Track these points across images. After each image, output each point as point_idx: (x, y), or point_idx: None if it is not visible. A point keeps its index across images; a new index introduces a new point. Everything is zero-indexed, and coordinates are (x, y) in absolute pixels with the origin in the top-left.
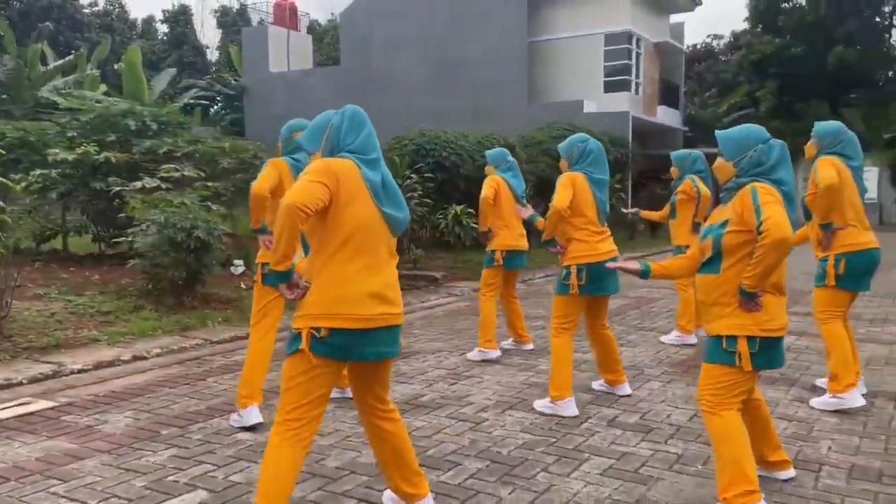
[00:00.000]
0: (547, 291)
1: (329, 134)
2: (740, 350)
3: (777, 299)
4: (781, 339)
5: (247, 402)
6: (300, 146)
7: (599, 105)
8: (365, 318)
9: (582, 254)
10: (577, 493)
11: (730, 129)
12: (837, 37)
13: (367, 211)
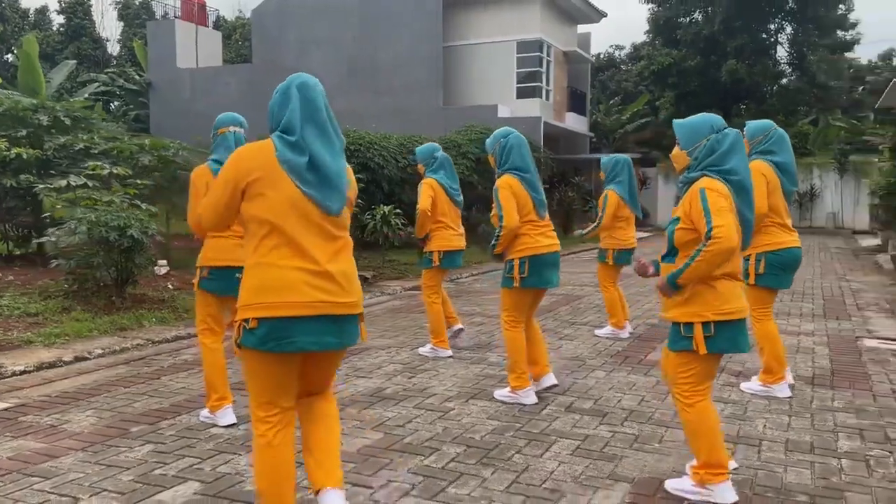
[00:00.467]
0: (476, 290)
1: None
2: (696, 335)
3: (732, 284)
4: (740, 322)
5: (219, 404)
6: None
7: (513, 110)
8: (298, 304)
9: (524, 247)
10: (553, 472)
11: (687, 118)
12: (729, 51)
13: (287, 195)
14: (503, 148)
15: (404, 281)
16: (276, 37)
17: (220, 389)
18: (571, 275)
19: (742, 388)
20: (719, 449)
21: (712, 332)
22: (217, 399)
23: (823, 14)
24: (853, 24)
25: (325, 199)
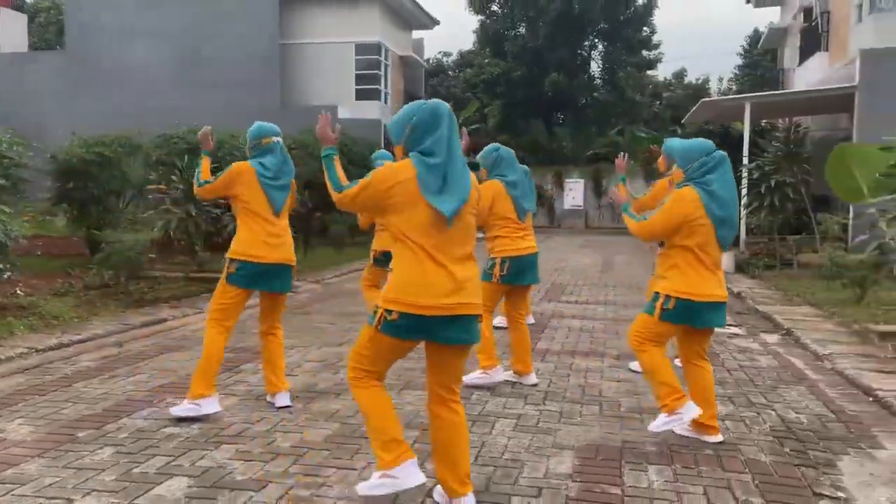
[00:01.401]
0: (348, 290)
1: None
2: (658, 305)
3: (706, 273)
4: (707, 304)
5: (206, 392)
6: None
7: (353, 111)
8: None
9: (506, 248)
10: (506, 445)
11: (677, 140)
12: (552, 65)
13: (423, 212)
14: (494, 160)
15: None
16: (92, 24)
17: (211, 379)
18: None
19: (630, 368)
20: (670, 377)
21: (671, 305)
22: (205, 388)
23: (631, 35)
24: (656, 45)
25: (450, 215)
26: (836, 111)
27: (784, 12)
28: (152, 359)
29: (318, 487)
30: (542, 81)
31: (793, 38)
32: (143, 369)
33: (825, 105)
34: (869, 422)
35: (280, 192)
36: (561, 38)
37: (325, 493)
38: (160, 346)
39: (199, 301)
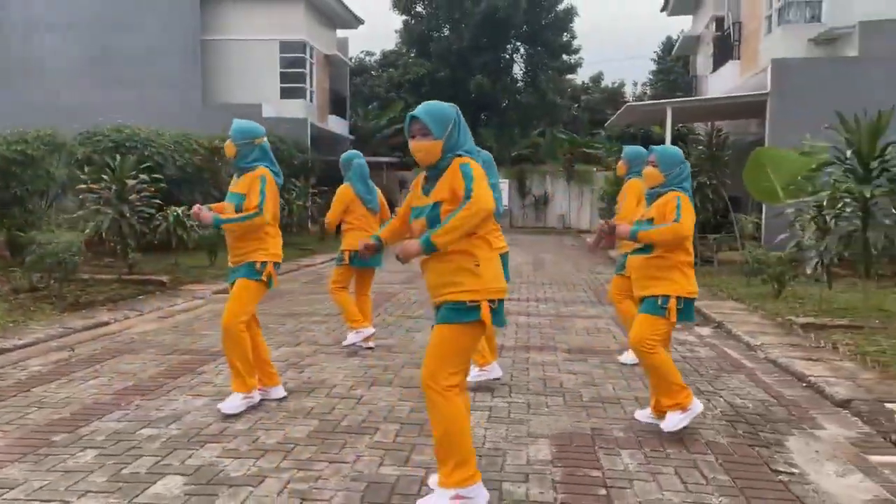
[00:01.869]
0: (287, 290)
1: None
2: (671, 307)
3: (692, 271)
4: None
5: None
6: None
7: (278, 110)
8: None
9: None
10: (485, 436)
11: (667, 148)
12: (476, 67)
13: None
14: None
15: (205, 284)
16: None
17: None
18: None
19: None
20: (675, 376)
21: (682, 305)
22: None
23: (552, 40)
24: (575, 49)
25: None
26: (746, 116)
27: (696, 21)
28: (105, 362)
29: (314, 481)
30: (467, 83)
31: (705, 47)
32: (101, 373)
33: (738, 110)
34: (806, 405)
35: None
36: (485, 40)
37: (323, 486)
38: (111, 349)
39: (137, 304)
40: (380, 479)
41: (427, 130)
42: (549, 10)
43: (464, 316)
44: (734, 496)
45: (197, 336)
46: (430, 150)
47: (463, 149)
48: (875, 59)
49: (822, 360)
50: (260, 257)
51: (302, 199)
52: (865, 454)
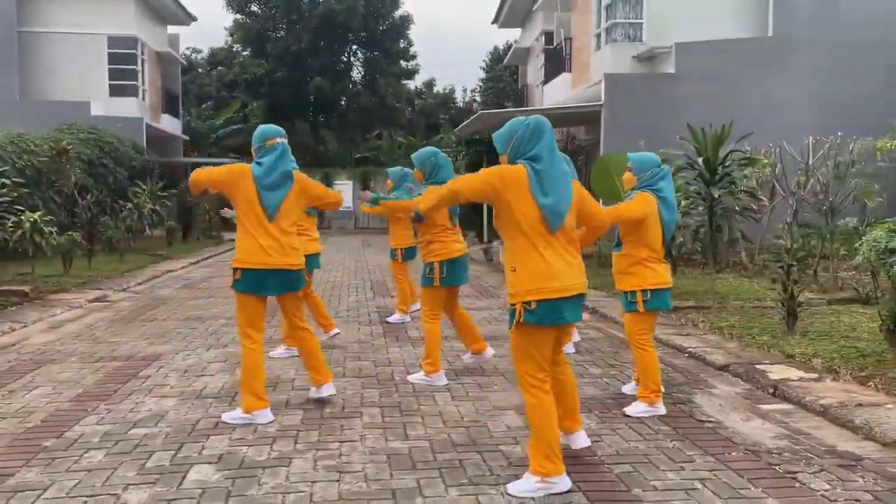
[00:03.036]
0: (169, 297)
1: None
2: (638, 300)
3: (662, 265)
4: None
5: (261, 404)
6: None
7: (107, 108)
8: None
9: (442, 252)
10: (459, 412)
11: (643, 154)
12: (315, 68)
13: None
14: (434, 165)
15: (73, 293)
16: None
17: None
18: None
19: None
20: (657, 372)
21: (649, 296)
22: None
23: (390, 45)
24: (413, 56)
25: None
26: (577, 124)
27: (526, 34)
28: (33, 373)
29: (338, 457)
30: (306, 84)
31: (535, 58)
32: (37, 383)
33: (572, 119)
34: (695, 371)
35: (271, 192)
36: (323, 43)
37: (349, 461)
38: (26, 361)
39: (10, 315)
40: (395, 451)
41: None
42: (385, 17)
43: (511, 319)
44: (681, 440)
45: (109, 343)
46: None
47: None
48: (689, 75)
49: (691, 335)
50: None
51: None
52: (755, 404)
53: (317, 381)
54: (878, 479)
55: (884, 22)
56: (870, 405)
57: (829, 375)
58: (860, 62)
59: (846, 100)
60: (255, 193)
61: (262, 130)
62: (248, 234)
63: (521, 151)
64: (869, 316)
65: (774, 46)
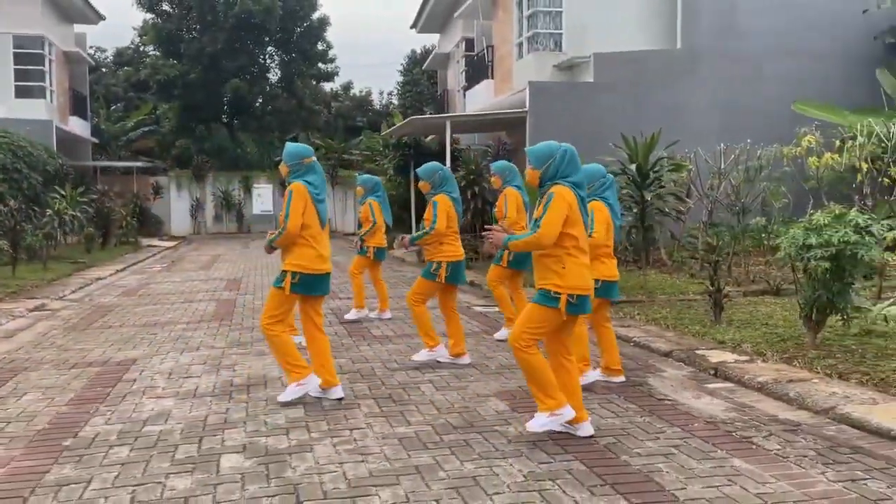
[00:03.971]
0: (113, 304)
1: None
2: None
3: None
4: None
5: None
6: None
7: (13, 111)
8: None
9: (451, 253)
10: (448, 400)
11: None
12: (232, 70)
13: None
14: (441, 177)
15: (13, 303)
16: None
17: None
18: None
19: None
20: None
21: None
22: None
23: (308, 48)
24: (332, 59)
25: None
26: (499, 129)
27: (445, 40)
28: (13, 381)
29: (354, 442)
30: (222, 86)
31: (456, 64)
32: (24, 389)
33: (495, 125)
34: (643, 357)
35: (324, 205)
36: (240, 44)
37: (365, 444)
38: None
39: None
40: (403, 435)
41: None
42: (303, 19)
43: (552, 301)
44: (649, 415)
45: (76, 351)
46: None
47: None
48: (606, 84)
49: (632, 326)
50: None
51: (71, 209)
52: (702, 384)
53: (329, 382)
54: (818, 440)
55: (783, 34)
56: (798, 381)
57: (759, 357)
58: (760, 72)
59: (748, 107)
60: (314, 207)
61: (297, 149)
62: (307, 243)
63: (561, 173)
64: (780, 305)
65: (683, 58)
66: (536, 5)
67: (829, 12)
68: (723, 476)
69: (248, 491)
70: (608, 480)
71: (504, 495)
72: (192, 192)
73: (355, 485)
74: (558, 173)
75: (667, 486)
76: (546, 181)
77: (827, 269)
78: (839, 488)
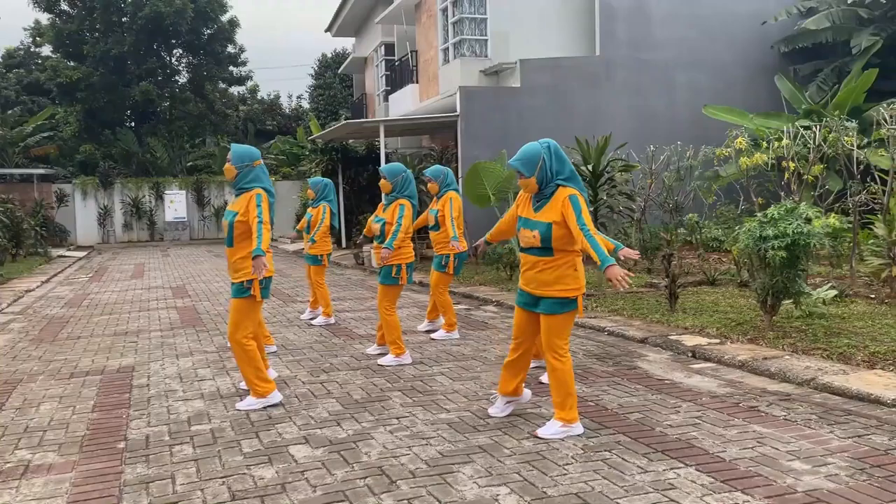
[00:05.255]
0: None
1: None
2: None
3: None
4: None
5: (270, 387)
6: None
7: None
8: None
9: (407, 255)
10: (460, 391)
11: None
12: (140, 72)
13: None
14: (405, 179)
15: None
16: None
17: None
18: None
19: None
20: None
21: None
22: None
23: (219, 50)
24: (243, 62)
25: None
26: (422, 133)
27: (363, 43)
28: (15, 392)
29: (407, 429)
30: (129, 89)
31: (375, 68)
32: (34, 400)
33: (421, 129)
34: (622, 344)
35: (272, 207)
36: (148, 46)
37: (421, 430)
38: None
39: None
40: (450, 421)
41: (521, 173)
42: (214, 21)
43: (569, 307)
44: (658, 393)
45: (61, 362)
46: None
47: (561, 178)
48: (532, 89)
49: (597, 317)
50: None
51: None
52: (687, 365)
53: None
54: (812, 406)
55: (690, 44)
56: (772, 358)
57: (727, 340)
58: (671, 79)
59: (660, 112)
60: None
61: (248, 151)
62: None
63: (555, 173)
64: (720, 294)
65: (601, 65)
66: (462, 12)
67: (732, 24)
68: (751, 439)
69: (337, 475)
70: (657, 448)
71: (575, 464)
72: (98, 200)
73: (434, 464)
74: (553, 172)
75: (710, 450)
76: (547, 184)
77: (784, 257)
78: (851, 443)
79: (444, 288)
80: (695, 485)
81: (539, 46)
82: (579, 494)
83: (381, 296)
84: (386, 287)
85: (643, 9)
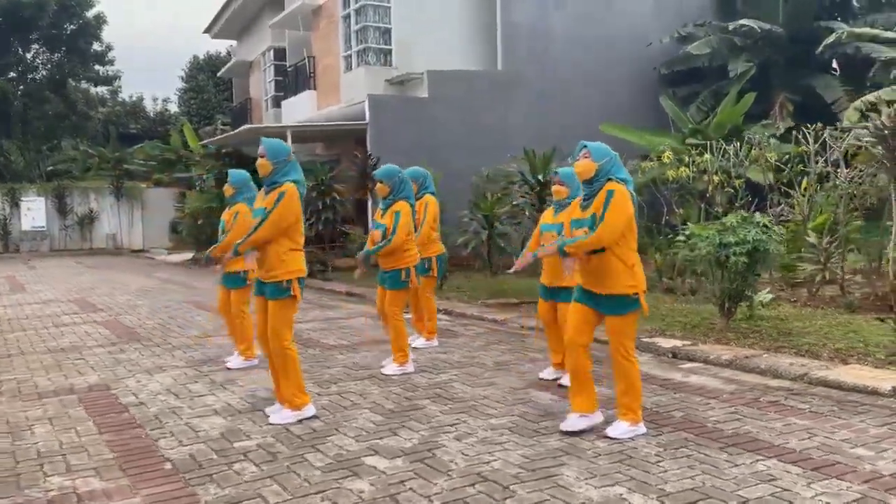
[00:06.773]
0: None
1: None
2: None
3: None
4: None
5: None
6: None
7: None
8: None
9: (413, 258)
10: (480, 395)
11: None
12: None
13: None
14: (401, 181)
15: None
16: None
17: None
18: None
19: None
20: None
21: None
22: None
23: (84, 47)
24: (111, 60)
25: None
26: (317, 141)
27: (246, 47)
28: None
29: (470, 436)
30: None
31: (262, 73)
32: (32, 419)
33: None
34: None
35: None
36: (4, 40)
37: (486, 436)
38: None
39: None
40: (503, 426)
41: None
42: (78, 16)
43: (634, 306)
44: (675, 391)
45: (13, 381)
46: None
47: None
48: (439, 99)
49: None
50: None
51: None
52: (675, 366)
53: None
54: (823, 399)
55: (585, 64)
56: (753, 356)
57: (698, 341)
58: (568, 96)
59: (558, 126)
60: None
61: (281, 145)
62: (298, 248)
63: (615, 172)
64: (660, 300)
65: (504, 79)
66: (366, 20)
67: (622, 47)
68: (801, 430)
69: (440, 484)
70: (727, 442)
71: (667, 461)
72: None
73: (529, 468)
74: (612, 170)
75: (774, 442)
76: (600, 178)
77: (745, 262)
78: (886, 430)
79: (430, 292)
80: (790, 475)
81: (444, 58)
82: (696, 490)
83: (389, 301)
84: (395, 292)
85: (543, 27)
